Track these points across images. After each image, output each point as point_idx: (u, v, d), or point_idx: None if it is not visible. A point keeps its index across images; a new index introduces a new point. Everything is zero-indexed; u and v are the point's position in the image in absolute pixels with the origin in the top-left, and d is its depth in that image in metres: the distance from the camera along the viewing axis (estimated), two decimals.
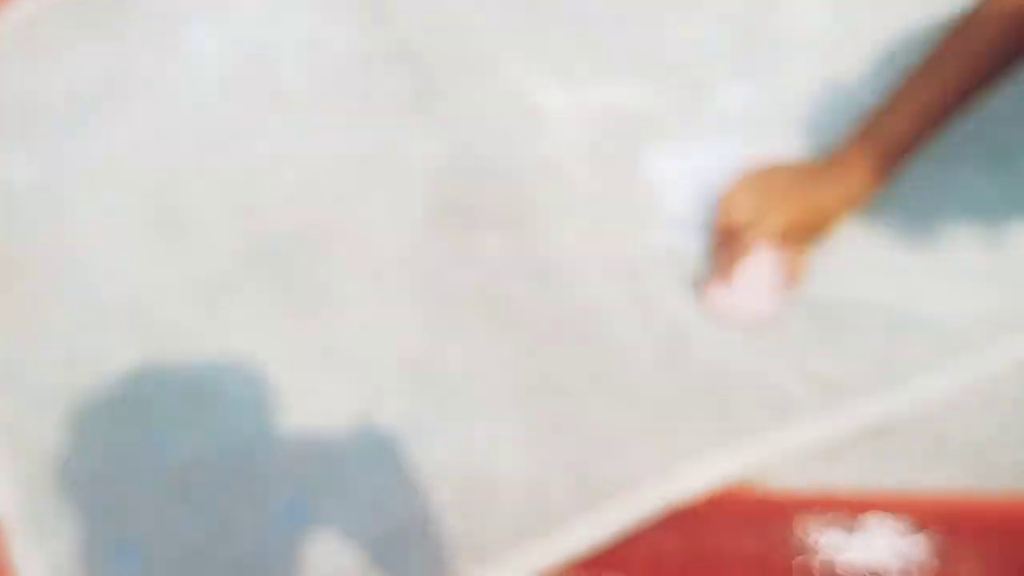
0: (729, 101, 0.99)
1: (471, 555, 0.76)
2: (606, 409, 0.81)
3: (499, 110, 1.00)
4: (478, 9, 1.07)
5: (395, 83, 1.03)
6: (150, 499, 0.82)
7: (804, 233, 0.83)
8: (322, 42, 1.08)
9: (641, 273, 0.88)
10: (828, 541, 0.76)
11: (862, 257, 0.87)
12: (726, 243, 0.86)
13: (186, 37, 1.11)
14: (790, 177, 0.85)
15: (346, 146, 1.00)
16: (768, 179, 0.86)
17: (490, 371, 0.85)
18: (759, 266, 0.83)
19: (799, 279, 0.84)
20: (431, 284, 0.90)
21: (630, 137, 0.97)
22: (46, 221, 1.00)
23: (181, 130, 1.04)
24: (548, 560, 0.76)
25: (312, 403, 0.85)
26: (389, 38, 1.07)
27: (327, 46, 1.08)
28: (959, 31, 0.83)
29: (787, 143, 0.94)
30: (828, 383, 0.80)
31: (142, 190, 1.01)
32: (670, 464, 0.77)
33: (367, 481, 0.80)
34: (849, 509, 0.76)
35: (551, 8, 1.07)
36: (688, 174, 0.95)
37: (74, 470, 0.84)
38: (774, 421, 0.78)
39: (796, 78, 0.99)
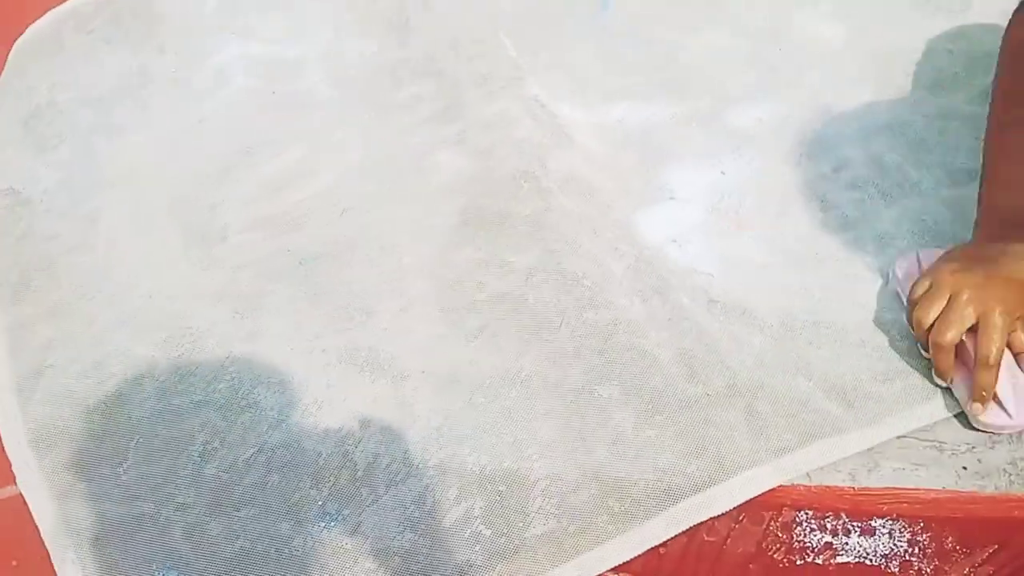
0: (744, 117, 1.01)
1: (502, 566, 0.77)
2: (635, 420, 0.81)
3: (522, 123, 1.01)
4: (501, 26, 1.09)
5: (421, 96, 1.05)
6: (187, 509, 0.82)
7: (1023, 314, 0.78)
8: (348, 55, 1.10)
9: (666, 286, 0.89)
10: (826, 541, 0.76)
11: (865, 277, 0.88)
12: (956, 357, 0.78)
13: (211, 48, 1.12)
14: (981, 264, 0.78)
15: (373, 156, 1.02)
16: (959, 276, 0.78)
17: (519, 380, 0.85)
18: (1011, 367, 0.78)
19: None
20: (460, 292, 0.91)
21: (650, 151, 0.99)
22: (72, 227, 1.01)
23: (205, 141, 1.05)
24: (587, 572, 0.76)
25: (342, 411, 0.85)
26: (415, 53, 1.08)
27: (353, 59, 1.09)
28: (1014, 71, 0.84)
29: (802, 158, 0.96)
30: (862, 399, 0.80)
31: (169, 198, 1.02)
32: (700, 480, 0.78)
33: (398, 490, 0.81)
34: (847, 509, 0.77)
35: (572, 25, 1.09)
36: (705, 188, 0.97)
37: (109, 479, 0.84)
38: (806, 437, 0.79)
39: (808, 95, 1.01)
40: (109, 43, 1.15)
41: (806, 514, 0.77)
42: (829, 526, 0.77)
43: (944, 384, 0.80)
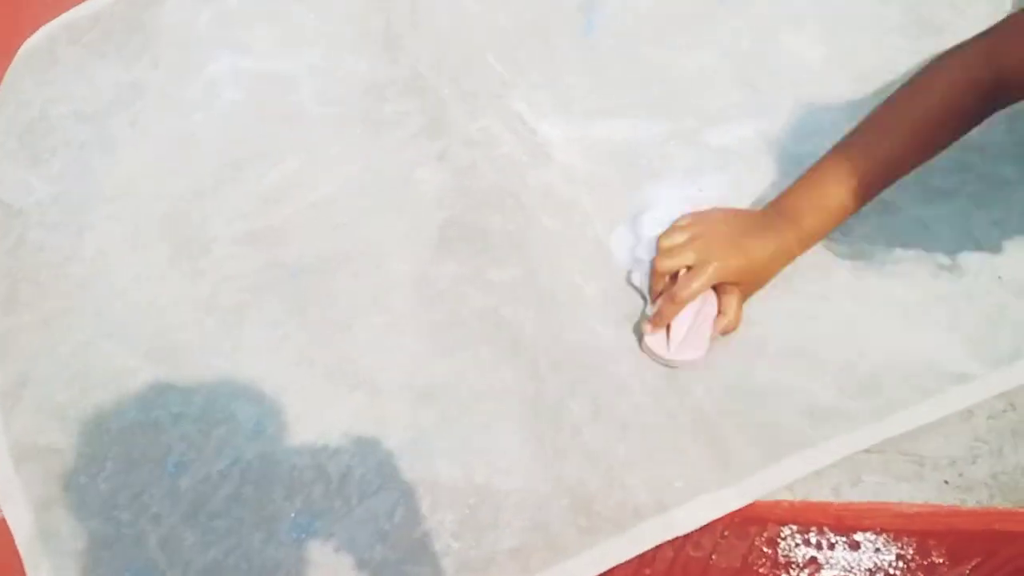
0: (726, 136, 1.01)
1: None
2: (605, 438, 0.82)
3: (506, 139, 1.02)
4: (487, 43, 1.10)
5: (408, 112, 1.06)
6: (162, 519, 0.83)
7: (740, 283, 0.85)
8: (339, 72, 1.11)
9: (638, 309, 0.90)
10: (811, 555, 0.77)
11: (836, 297, 0.88)
12: (663, 286, 0.87)
13: (203, 62, 1.14)
14: (729, 227, 0.86)
15: (359, 172, 1.03)
16: (708, 227, 0.87)
17: (495, 394, 0.86)
18: (697, 312, 0.85)
19: (733, 327, 0.85)
20: (440, 308, 0.92)
21: (630, 169, 0.99)
22: (62, 240, 1.03)
23: (196, 155, 1.07)
24: None
25: (320, 424, 0.86)
26: (401, 69, 1.09)
27: (343, 75, 1.10)
28: (897, 102, 0.85)
29: (780, 177, 0.97)
30: (821, 418, 0.81)
31: (158, 211, 1.03)
32: (666, 500, 0.79)
33: (372, 502, 0.82)
34: (830, 524, 0.77)
35: (558, 44, 1.10)
36: (683, 207, 0.97)
37: (87, 489, 0.85)
38: (772, 456, 0.80)
39: (790, 115, 1.01)
40: (102, 57, 1.17)
41: (790, 529, 0.78)
42: (813, 540, 0.77)
43: (649, 306, 0.89)
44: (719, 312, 0.85)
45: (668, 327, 0.84)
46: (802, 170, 0.95)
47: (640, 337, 0.86)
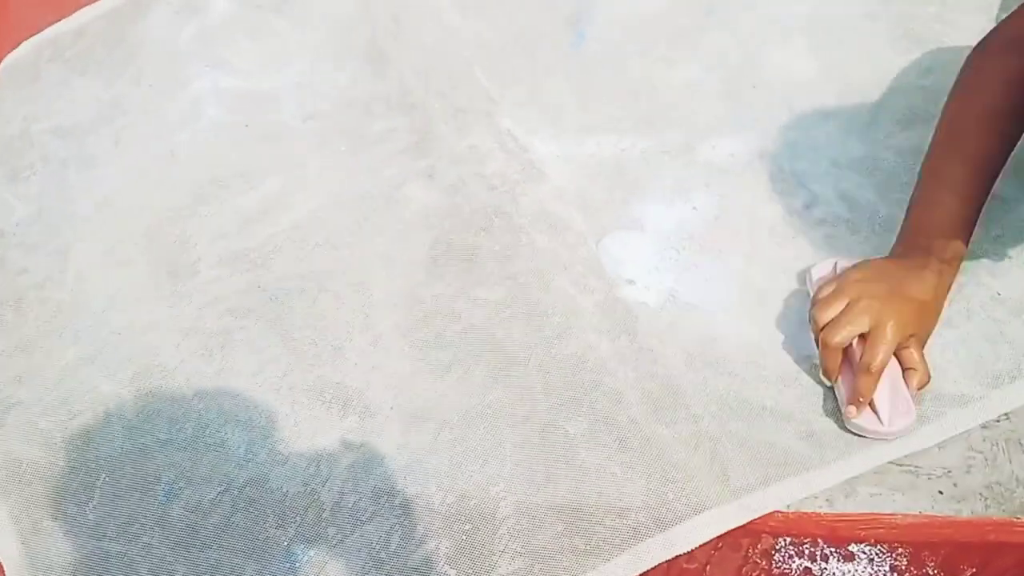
0: (716, 152, 1.01)
1: None
2: (601, 458, 0.81)
3: (494, 156, 1.01)
4: (475, 58, 1.10)
5: (394, 129, 1.05)
6: (153, 549, 0.81)
7: (916, 333, 0.80)
8: (323, 88, 1.10)
9: (634, 325, 0.89)
10: (805, 567, 0.76)
11: None
12: (845, 362, 0.81)
13: (185, 79, 1.13)
14: (881, 282, 0.81)
15: (345, 189, 1.02)
16: (862, 289, 0.81)
17: (487, 416, 0.85)
18: (895, 379, 0.80)
19: (927, 379, 0.80)
20: (429, 327, 0.91)
21: (619, 185, 0.99)
22: (42, 261, 1.01)
23: (177, 174, 1.05)
24: None
25: (312, 449, 0.85)
26: (388, 86, 1.09)
27: (327, 92, 1.10)
28: (959, 104, 0.86)
29: (773, 193, 0.97)
30: (821, 442, 0.80)
31: (140, 231, 1.02)
32: (665, 518, 0.78)
33: (364, 530, 0.80)
34: (824, 535, 0.77)
35: (546, 58, 1.09)
36: (675, 224, 0.97)
37: (76, 518, 0.84)
38: (771, 476, 0.79)
39: (780, 130, 1.01)
40: (84, 74, 1.15)
41: (784, 540, 0.77)
42: (807, 552, 0.77)
43: (828, 384, 0.83)
44: (905, 369, 0.81)
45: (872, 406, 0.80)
46: (796, 186, 0.96)
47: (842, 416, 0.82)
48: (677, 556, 0.77)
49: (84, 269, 1.00)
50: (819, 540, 0.77)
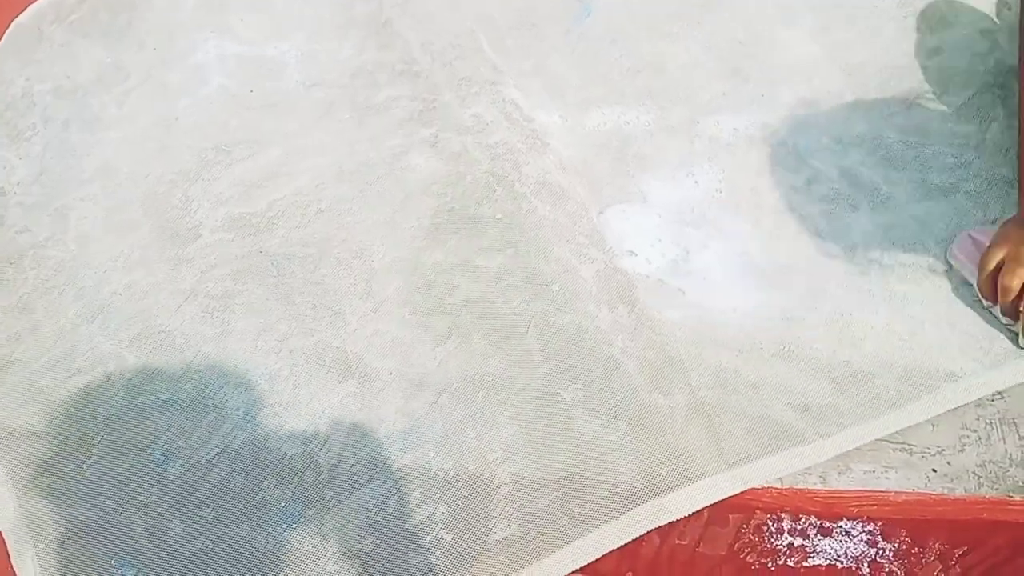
0: (719, 127, 1.01)
1: (462, 571, 0.77)
2: (598, 426, 0.82)
3: (498, 127, 1.01)
4: (481, 29, 1.09)
5: (398, 98, 1.05)
6: (150, 507, 0.81)
7: None
8: (327, 57, 1.09)
9: (634, 295, 0.89)
10: (798, 543, 0.77)
11: (829, 294, 0.88)
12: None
13: (190, 45, 1.12)
14: None
15: (348, 158, 1.01)
16: (1017, 243, 0.81)
17: (486, 383, 0.85)
18: None
19: None
20: (429, 295, 0.91)
21: (623, 158, 0.99)
22: (43, 221, 1.01)
23: (181, 138, 1.05)
24: None
25: (310, 413, 0.85)
26: (393, 55, 1.08)
27: (332, 61, 1.09)
28: None
29: (774, 168, 0.97)
30: (816, 415, 0.81)
31: (142, 194, 1.01)
32: (659, 486, 0.78)
33: (361, 492, 0.81)
34: (818, 512, 0.78)
35: (552, 31, 1.09)
36: (677, 198, 0.97)
37: (73, 476, 0.84)
38: (767, 448, 0.79)
39: (784, 107, 1.01)
40: (87, 37, 1.15)
41: (777, 517, 0.78)
42: (800, 528, 0.78)
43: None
44: None
45: None
46: (798, 163, 0.96)
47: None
48: (670, 533, 0.77)
49: (86, 230, 0.99)
50: (812, 516, 0.78)
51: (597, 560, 0.77)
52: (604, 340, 0.86)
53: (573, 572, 0.77)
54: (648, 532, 0.77)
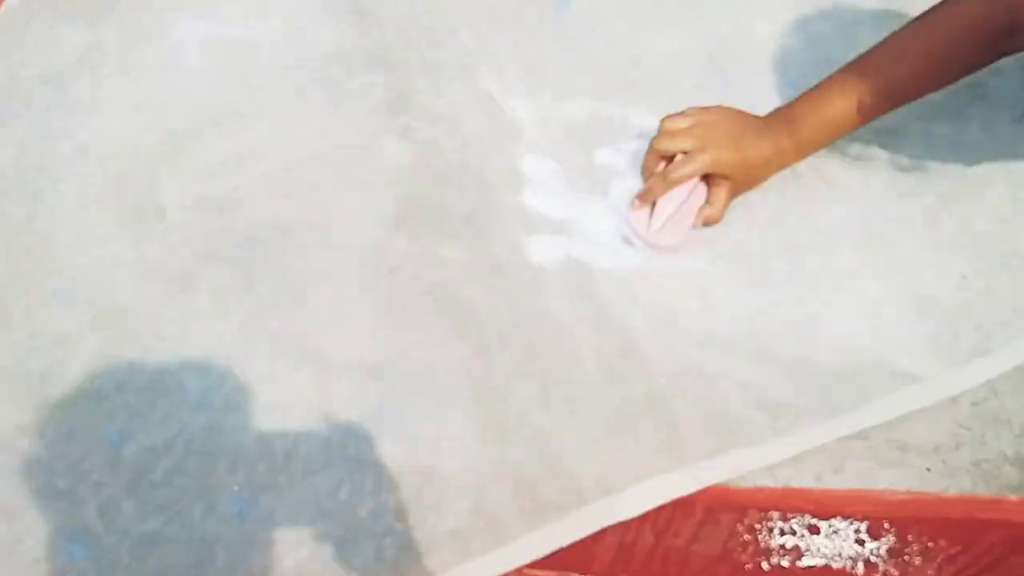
0: None
1: (411, 561, 0.76)
2: (552, 420, 0.81)
3: (470, 115, 1.01)
4: (459, 17, 1.09)
5: (373, 84, 1.04)
6: (102, 488, 0.81)
7: (731, 178, 0.88)
8: (304, 40, 1.09)
9: (597, 288, 0.89)
10: (793, 543, 0.76)
11: (794, 290, 0.88)
12: (657, 167, 0.90)
13: (166, 27, 1.12)
14: (730, 123, 0.89)
15: (318, 143, 1.01)
16: (711, 119, 0.90)
17: (443, 374, 0.85)
18: (684, 201, 0.87)
19: (716, 219, 0.89)
20: (393, 283, 0.91)
21: (595, 149, 0.99)
22: (18, 205, 1.01)
23: (154, 118, 1.05)
24: (492, 570, 0.76)
25: (267, 398, 0.85)
26: (367, 40, 1.08)
27: (309, 45, 1.09)
28: (914, 28, 0.86)
29: None
30: (774, 413, 0.80)
31: (112, 177, 1.01)
32: (612, 484, 0.77)
33: (316, 480, 0.80)
34: (812, 510, 0.77)
35: (531, 20, 1.09)
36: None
37: (28, 454, 0.84)
38: (724, 445, 0.78)
39: (764, 101, 0.99)
40: (69, 20, 1.15)
41: (771, 515, 0.77)
42: (795, 527, 0.77)
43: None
44: (705, 203, 0.89)
45: (653, 209, 0.88)
46: None
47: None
48: (664, 531, 0.77)
49: (57, 212, 0.99)
50: (807, 515, 0.77)
51: (593, 558, 0.76)
52: (565, 333, 0.86)
53: (562, 566, 0.76)
54: (634, 523, 0.76)
